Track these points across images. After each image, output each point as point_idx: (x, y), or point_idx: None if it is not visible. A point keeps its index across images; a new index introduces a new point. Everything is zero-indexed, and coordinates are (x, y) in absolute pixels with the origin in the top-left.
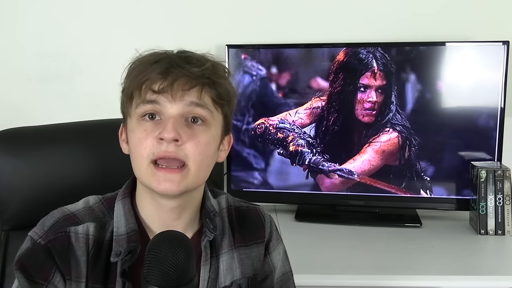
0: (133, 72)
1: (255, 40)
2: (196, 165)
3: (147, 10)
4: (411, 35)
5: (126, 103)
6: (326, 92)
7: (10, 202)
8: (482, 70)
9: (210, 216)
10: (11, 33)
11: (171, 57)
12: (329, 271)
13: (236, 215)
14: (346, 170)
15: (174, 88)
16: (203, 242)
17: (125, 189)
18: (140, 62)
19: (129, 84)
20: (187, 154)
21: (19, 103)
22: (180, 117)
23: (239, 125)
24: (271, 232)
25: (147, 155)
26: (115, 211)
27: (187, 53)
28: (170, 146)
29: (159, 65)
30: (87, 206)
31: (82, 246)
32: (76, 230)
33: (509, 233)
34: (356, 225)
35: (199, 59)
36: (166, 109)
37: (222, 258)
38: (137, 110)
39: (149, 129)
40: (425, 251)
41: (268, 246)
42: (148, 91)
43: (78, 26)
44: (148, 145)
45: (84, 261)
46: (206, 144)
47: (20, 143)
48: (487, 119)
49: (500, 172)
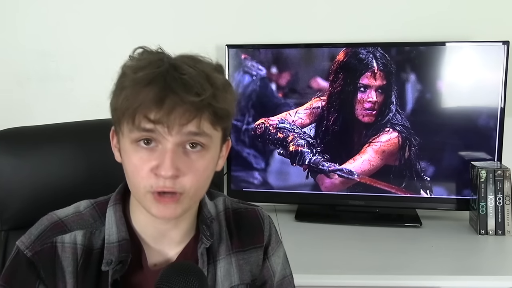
0: (123, 92)
1: (255, 40)
2: (193, 192)
3: (147, 10)
4: (411, 35)
5: (117, 118)
6: (326, 92)
7: (10, 202)
8: (482, 70)
9: (206, 223)
10: (11, 33)
11: (165, 78)
12: (329, 271)
13: (234, 218)
14: (346, 170)
15: (171, 120)
16: (200, 249)
17: (117, 194)
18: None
19: (120, 105)
20: (184, 186)
21: (19, 103)
22: (177, 147)
23: (239, 125)
24: (270, 235)
25: (143, 186)
26: (107, 217)
27: (182, 71)
28: (167, 181)
29: (153, 89)
30: (77, 211)
31: (69, 256)
32: (63, 239)
33: (509, 233)
34: (356, 225)
35: (199, 82)
36: (163, 139)
37: (219, 264)
38: (131, 135)
39: (145, 158)
40: (425, 251)
41: (267, 250)
42: (144, 118)
43: (78, 26)
44: (144, 176)
45: (70, 272)
46: (204, 170)
47: (20, 143)
48: (487, 119)
49: (500, 172)
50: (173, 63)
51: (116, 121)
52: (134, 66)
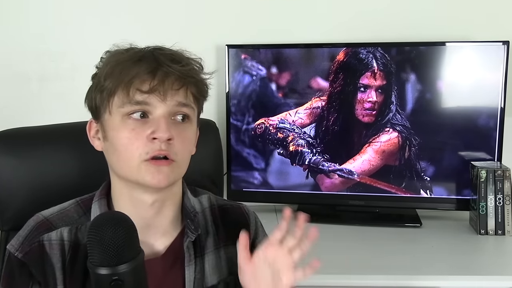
0: (115, 69)
1: (255, 40)
2: (182, 160)
3: (147, 10)
4: (411, 35)
5: (104, 99)
6: (326, 92)
7: (10, 202)
8: (482, 70)
9: (190, 217)
10: (11, 33)
11: (154, 55)
12: (329, 271)
13: (220, 213)
14: (346, 170)
15: (164, 88)
16: (185, 243)
17: (102, 190)
18: (121, 59)
19: (112, 82)
20: (176, 152)
21: (19, 103)
22: (169, 116)
23: (239, 125)
24: (257, 229)
25: (139, 155)
26: (92, 213)
27: (165, 50)
28: (163, 145)
29: (145, 63)
30: (62, 208)
31: (57, 253)
32: (49, 237)
33: (509, 233)
34: (356, 225)
35: (182, 57)
36: (155, 109)
37: (207, 257)
38: (123, 109)
39: (138, 129)
40: (425, 251)
41: (254, 243)
42: (137, 91)
43: (78, 26)
44: (140, 145)
45: (59, 268)
46: (190, 140)
47: (20, 143)
48: (487, 119)
49: (500, 172)
50: (155, 46)
51: (102, 102)
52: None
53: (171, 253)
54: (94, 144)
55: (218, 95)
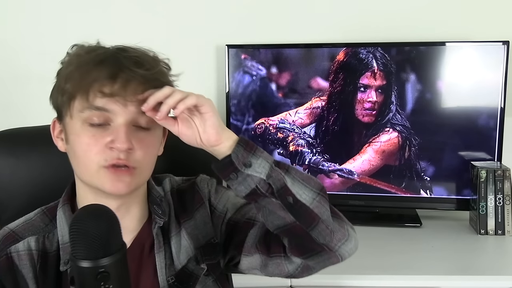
0: (75, 72)
1: (255, 40)
2: (144, 167)
3: (147, 10)
4: (411, 35)
5: (65, 102)
6: (326, 92)
7: (9, 202)
8: (482, 70)
9: (157, 202)
10: (11, 33)
11: (117, 57)
12: (329, 271)
13: (177, 196)
14: (346, 170)
15: (126, 94)
16: (154, 229)
17: (65, 195)
18: (82, 62)
19: (71, 86)
20: (137, 160)
21: (19, 103)
22: (130, 123)
23: (239, 125)
24: (210, 190)
25: (97, 161)
26: (58, 220)
27: (129, 52)
28: (122, 154)
29: (106, 67)
30: (28, 219)
31: (26, 263)
32: (16, 248)
33: (509, 233)
34: (356, 225)
35: (147, 59)
36: (116, 116)
37: (172, 241)
38: (83, 114)
39: (98, 135)
40: (425, 251)
41: (211, 201)
42: (96, 96)
43: (78, 26)
44: (98, 151)
45: (31, 278)
46: (153, 146)
47: (20, 143)
48: (487, 119)
49: (500, 172)
50: (119, 47)
51: (63, 105)
52: (83, 51)
53: (137, 244)
54: (57, 144)
55: (218, 95)
